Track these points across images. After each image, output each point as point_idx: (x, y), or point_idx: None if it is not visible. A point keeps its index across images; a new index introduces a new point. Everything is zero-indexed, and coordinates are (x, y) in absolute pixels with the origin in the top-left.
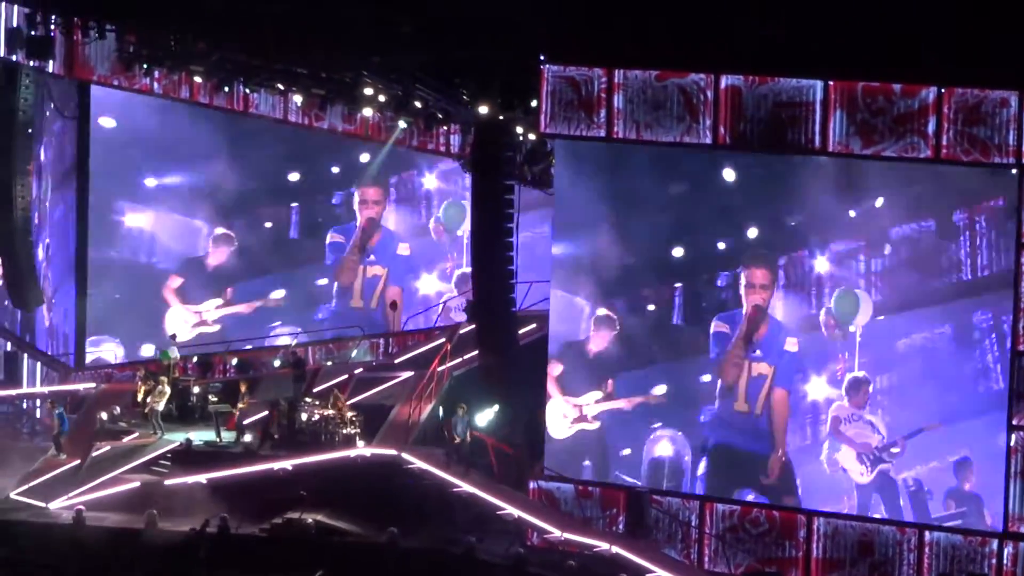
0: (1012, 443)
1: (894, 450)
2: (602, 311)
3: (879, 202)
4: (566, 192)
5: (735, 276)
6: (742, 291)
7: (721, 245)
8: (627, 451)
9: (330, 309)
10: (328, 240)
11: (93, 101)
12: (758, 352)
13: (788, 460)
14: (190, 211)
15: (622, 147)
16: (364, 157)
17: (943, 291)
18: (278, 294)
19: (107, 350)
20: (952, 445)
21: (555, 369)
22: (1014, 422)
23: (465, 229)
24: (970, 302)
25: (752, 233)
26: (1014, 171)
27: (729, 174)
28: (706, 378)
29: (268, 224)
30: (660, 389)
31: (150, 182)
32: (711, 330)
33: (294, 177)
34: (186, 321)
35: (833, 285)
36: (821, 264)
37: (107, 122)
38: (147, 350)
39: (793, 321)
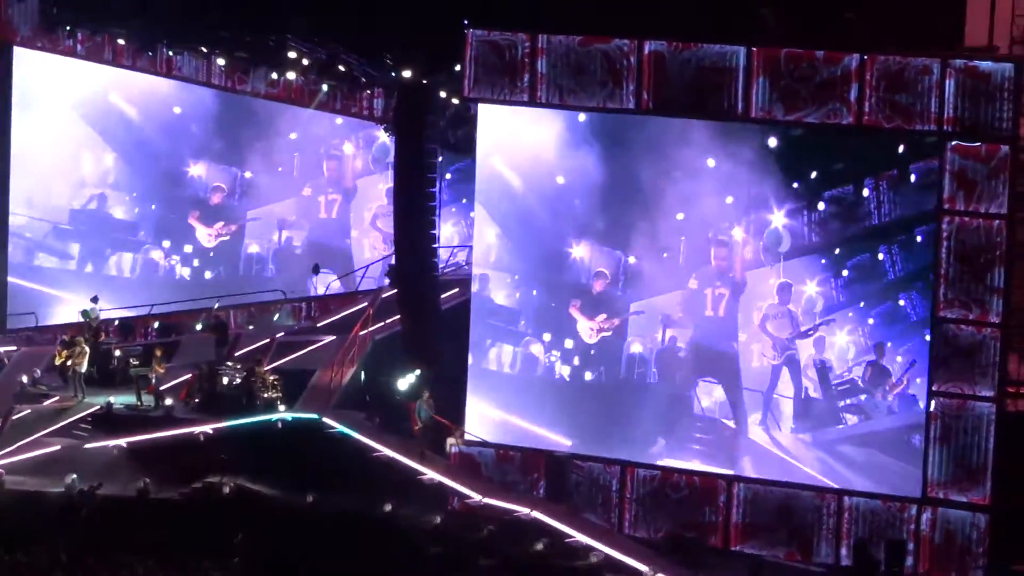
0: (932, 408)
1: (799, 341)
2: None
3: (814, 174)
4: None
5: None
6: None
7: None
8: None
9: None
10: None
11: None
12: (718, 282)
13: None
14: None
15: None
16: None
17: (859, 233)
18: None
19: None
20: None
21: (575, 303)
22: (934, 388)
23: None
24: (879, 240)
25: (729, 200)
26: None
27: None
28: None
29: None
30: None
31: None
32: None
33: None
34: None
35: (789, 234)
36: (778, 219)
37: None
38: (66, 314)
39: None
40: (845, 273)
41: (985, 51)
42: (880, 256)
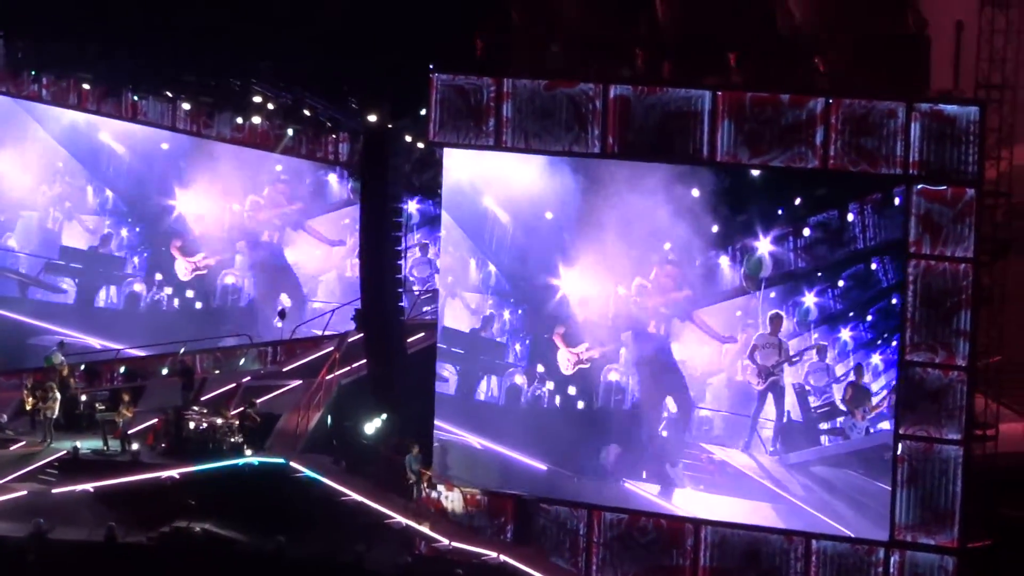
0: (899, 452)
1: (787, 366)
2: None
3: (797, 200)
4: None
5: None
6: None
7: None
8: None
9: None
10: None
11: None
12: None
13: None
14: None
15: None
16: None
17: (844, 256)
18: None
19: None
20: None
21: (559, 329)
22: (901, 431)
23: None
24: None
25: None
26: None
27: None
28: None
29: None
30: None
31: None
32: None
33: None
34: None
35: (773, 260)
36: (764, 245)
37: None
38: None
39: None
40: (841, 283)
41: (950, 94)
42: (849, 279)
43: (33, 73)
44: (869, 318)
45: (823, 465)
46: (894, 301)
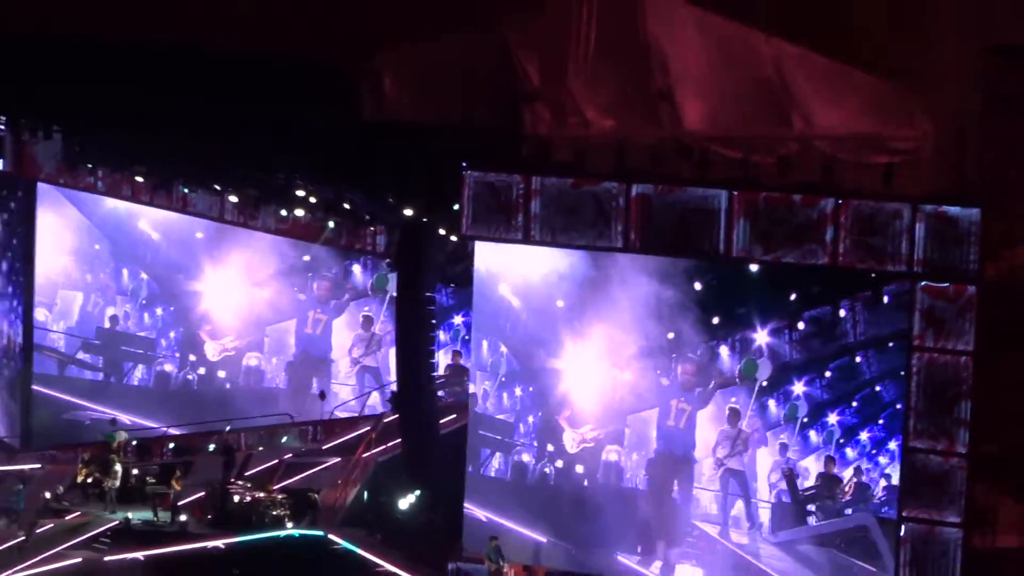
0: (902, 534)
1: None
2: None
3: (792, 296)
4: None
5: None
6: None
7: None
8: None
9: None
10: None
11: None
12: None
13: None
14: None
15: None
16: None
17: (836, 348)
18: None
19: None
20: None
21: (565, 412)
22: (904, 513)
23: None
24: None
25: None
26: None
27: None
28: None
29: None
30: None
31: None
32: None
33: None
34: None
35: (769, 350)
36: (762, 337)
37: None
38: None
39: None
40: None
41: (953, 196)
42: (836, 371)
43: (89, 166)
44: (854, 404)
45: (809, 544)
46: (878, 388)
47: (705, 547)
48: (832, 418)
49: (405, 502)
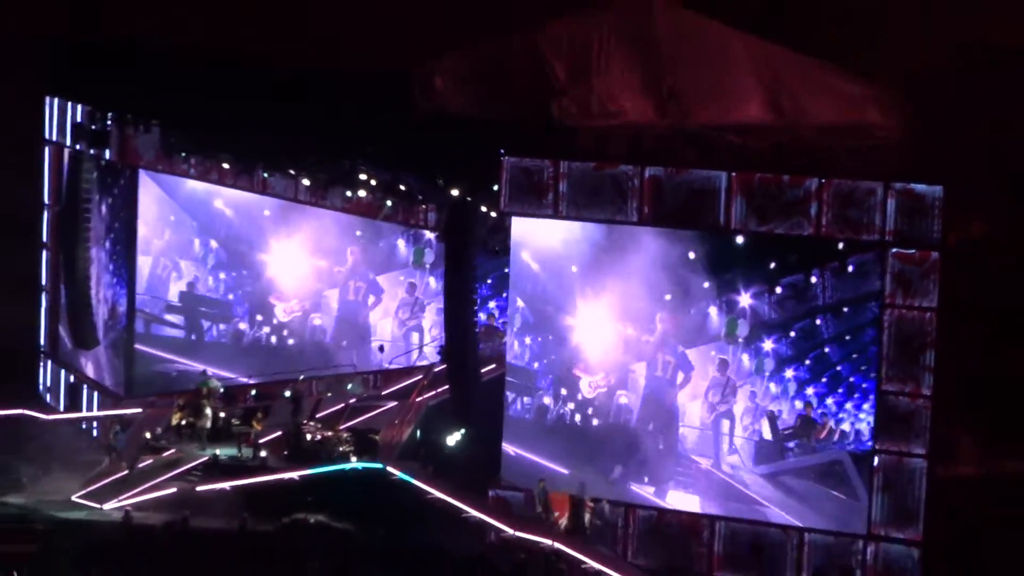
0: (876, 464)
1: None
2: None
3: (772, 265)
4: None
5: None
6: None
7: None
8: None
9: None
10: None
11: (140, 183)
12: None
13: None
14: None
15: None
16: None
17: (807, 309)
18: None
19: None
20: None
21: (580, 363)
22: (877, 447)
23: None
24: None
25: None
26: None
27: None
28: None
29: None
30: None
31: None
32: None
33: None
34: None
35: (750, 311)
36: (745, 300)
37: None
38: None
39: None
40: (782, 340)
41: (920, 171)
42: (808, 329)
43: (184, 155)
44: (807, 362)
45: (788, 476)
46: (827, 350)
47: (700, 477)
48: (788, 372)
49: (452, 439)
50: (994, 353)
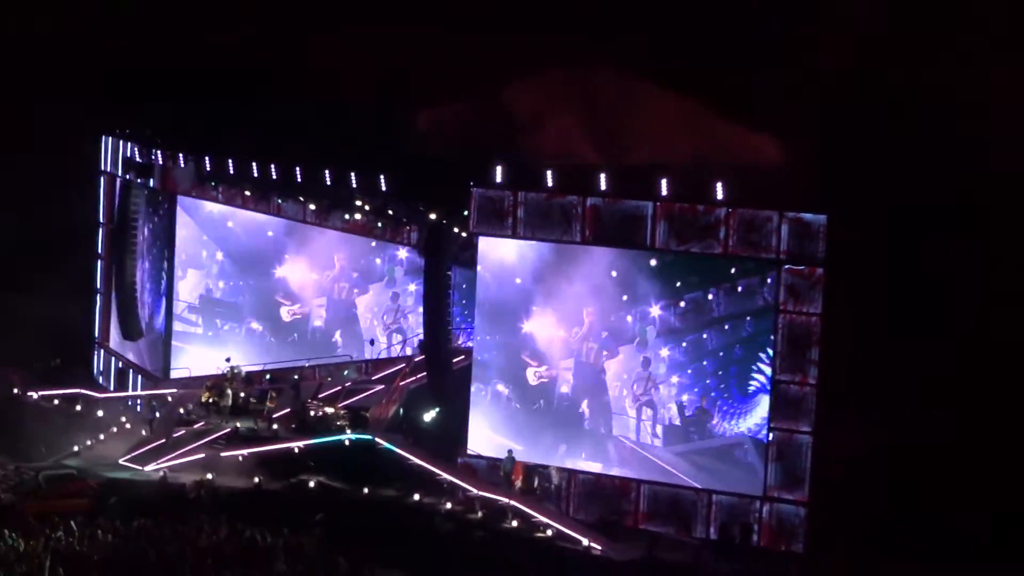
0: (771, 439)
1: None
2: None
3: (678, 284)
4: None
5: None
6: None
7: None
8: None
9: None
10: None
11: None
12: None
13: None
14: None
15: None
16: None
17: (707, 319)
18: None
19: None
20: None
21: (526, 355)
22: (773, 425)
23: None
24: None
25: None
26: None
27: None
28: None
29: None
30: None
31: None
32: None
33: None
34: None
35: (659, 320)
36: (655, 311)
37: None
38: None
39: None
40: (684, 344)
41: (807, 204)
42: (705, 337)
43: (213, 184)
44: (704, 363)
45: (697, 454)
46: (721, 353)
47: (627, 454)
48: (674, 378)
49: (428, 416)
50: (868, 349)
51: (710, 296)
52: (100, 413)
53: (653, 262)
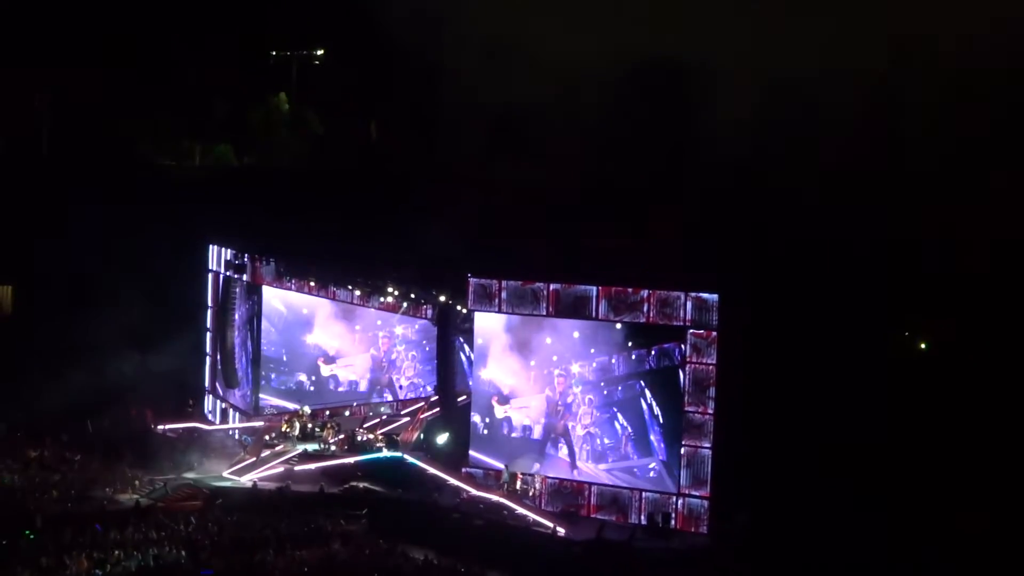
0: (683, 452)
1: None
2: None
3: (592, 350)
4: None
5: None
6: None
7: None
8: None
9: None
10: None
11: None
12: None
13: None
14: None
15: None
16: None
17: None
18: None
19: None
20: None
21: (495, 398)
22: (683, 442)
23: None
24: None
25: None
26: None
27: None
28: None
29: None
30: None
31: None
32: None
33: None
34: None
35: (599, 369)
36: (576, 368)
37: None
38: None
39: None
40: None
41: (705, 285)
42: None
43: (288, 278)
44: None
45: (615, 470)
46: (615, 410)
47: (567, 469)
48: (616, 410)
49: (441, 439)
50: (749, 387)
51: (634, 356)
52: (209, 440)
53: (576, 334)
